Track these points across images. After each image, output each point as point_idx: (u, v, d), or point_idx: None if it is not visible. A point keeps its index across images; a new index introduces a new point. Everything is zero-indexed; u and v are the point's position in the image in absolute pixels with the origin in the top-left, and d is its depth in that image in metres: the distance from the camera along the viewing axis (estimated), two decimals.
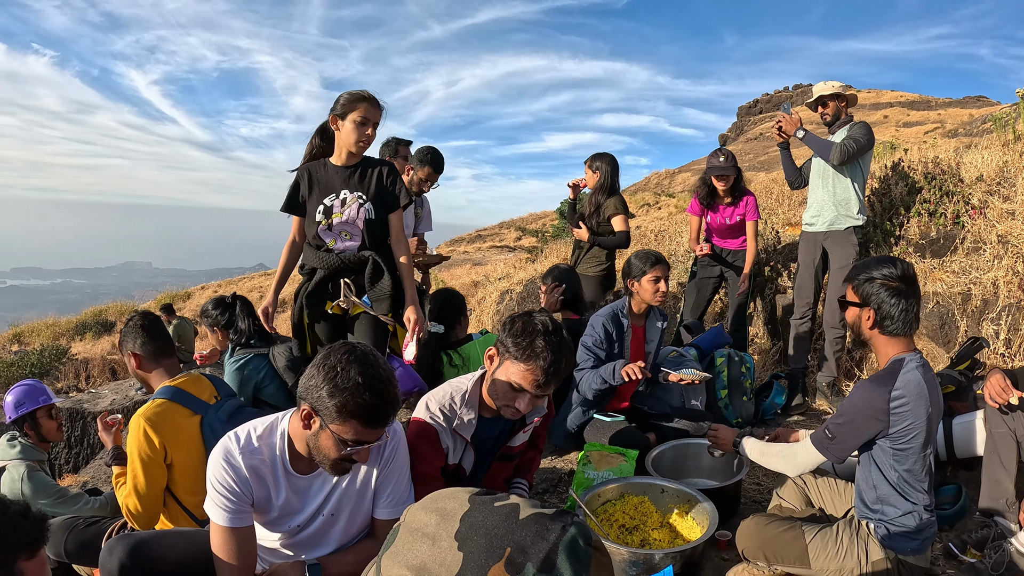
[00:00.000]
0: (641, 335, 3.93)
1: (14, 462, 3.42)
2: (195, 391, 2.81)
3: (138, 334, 2.81)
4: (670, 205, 18.91)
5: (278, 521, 2.11)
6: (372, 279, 3.41)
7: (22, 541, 1.32)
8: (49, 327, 18.36)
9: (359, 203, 3.38)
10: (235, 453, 1.98)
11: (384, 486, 2.17)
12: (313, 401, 1.84)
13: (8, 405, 3.56)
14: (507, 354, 2.35)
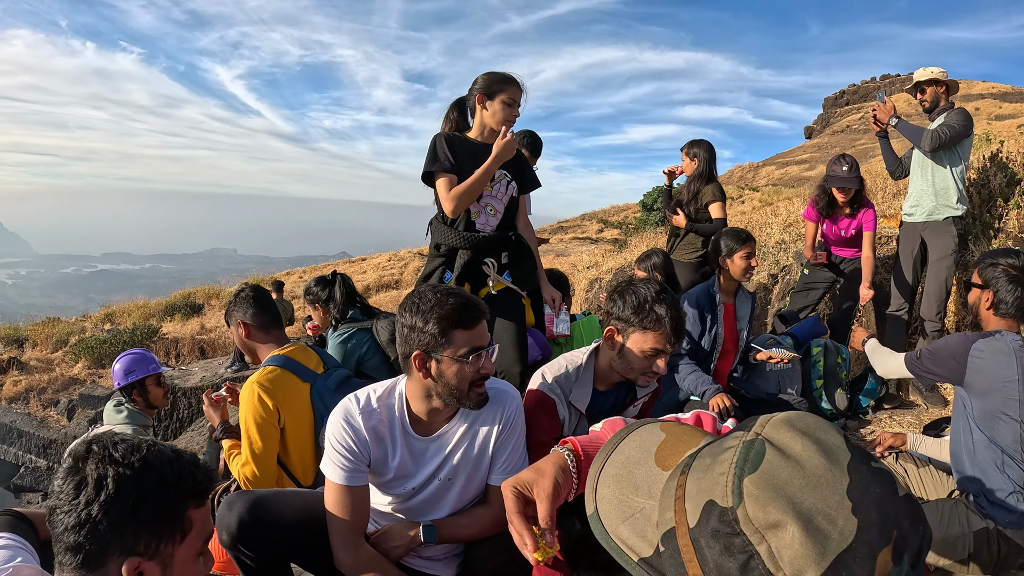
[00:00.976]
0: (732, 313, 4.25)
1: (121, 426, 3.79)
2: (303, 360, 3.04)
3: (249, 305, 3.06)
4: (754, 199, 18.98)
5: (392, 483, 2.23)
6: (518, 258, 3.59)
7: (194, 489, 1.32)
8: (139, 308, 19.47)
9: (507, 180, 3.57)
10: (355, 413, 2.13)
11: (501, 451, 2.27)
12: (417, 344, 2.03)
13: (118, 372, 3.89)
14: (632, 327, 2.49)
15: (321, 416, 3.00)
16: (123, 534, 1.23)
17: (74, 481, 1.24)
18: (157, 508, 1.26)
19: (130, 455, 1.27)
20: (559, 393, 2.57)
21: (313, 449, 3.06)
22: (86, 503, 1.21)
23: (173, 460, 1.32)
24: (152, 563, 1.26)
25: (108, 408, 3.95)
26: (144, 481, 1.26)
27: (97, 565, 1.22)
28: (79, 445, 1.32)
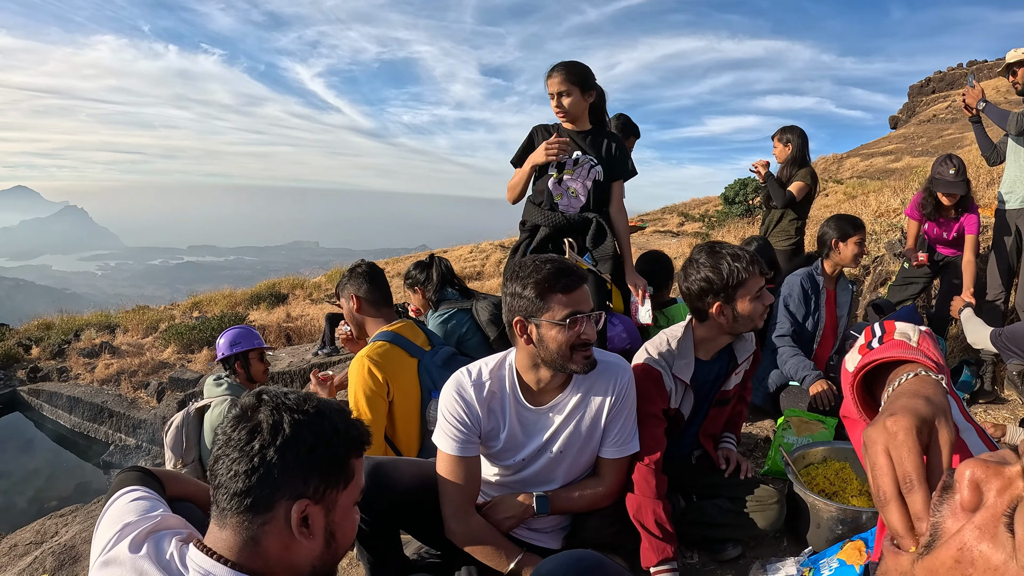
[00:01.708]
0: (833, 299, 4.36)
1: (220, 398, 3.92)
2: (411, 337, 3.21)
3: (363, 280, 3.25)
4: (838, 192, 18.86)
5: (502, 454, 2.36)
6: (596, 239, 3.76)
7: (358, 439, 1.41)
8: (225, 297, 19.80)
9: (590, 164, 3.73)
10: (467, 386, 2.26)
11: (614, 424, 2.36)
12: (518, 310, 2.14)
13: (223, 344, 4.10)
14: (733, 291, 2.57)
15: (429, 391, 3.15)
16: (294, 478, 1.30)
17: (247, 427, 1.32)
18: (328, 454, 1.34)
19: (303, 403, 1.36)
20: (664, 366, 2.64)
21: (419, 424, 3.15)
22: (260, 448, 1.29)
23: (340, 410, 1.42)
24: (318, 507, 1.33)
25: (208, 382, 4.13)
26: (318, 427, 1.35)
27: (264, 509, 1.30)
28: (247, 397, 1.39)
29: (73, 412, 12.14)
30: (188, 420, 3.95)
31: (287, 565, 1.35)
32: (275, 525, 1.31)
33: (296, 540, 1.33)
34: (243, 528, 1.31)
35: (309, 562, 1.37)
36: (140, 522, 1.44)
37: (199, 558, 1.31)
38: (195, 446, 3.95)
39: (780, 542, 2.84)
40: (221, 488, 1.31)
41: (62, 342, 15.33)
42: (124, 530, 1.41)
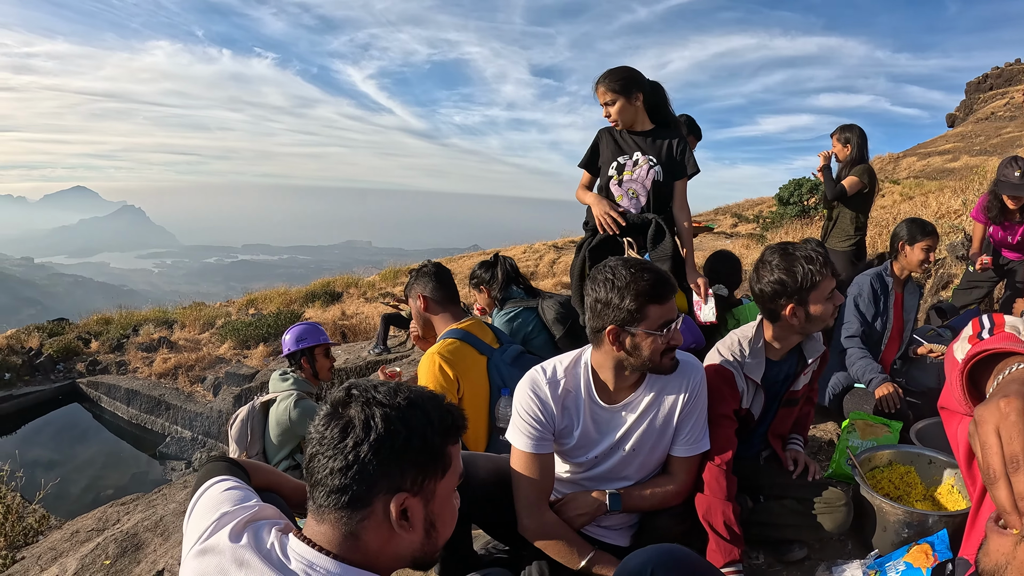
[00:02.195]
0: (900, 302, 4.30)
1: (286, 392, 4.00)
2: (480, 334, 3.25)
3: (429, 279, 3.32)
4: (894, 193, 18.84)
5: (575, 451, 2.40)
6: (655, 239, 3.79)
7: (452, 425, 1.41)
8: (280, 295, 20.26)
9: (649, 165, 3.80)
10: (542, 384, 2.32)
11: (686, 422, 2.41)
12: (612, 319, 2.18)
13: (289, 340, 4.22)
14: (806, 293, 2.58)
15: (498, 388, 3.19)
16: (391, 472, 1.31)
17: (339, 425, 1.32)
18: (424, 444, 1.35)
19: (393, 395, 1.36)
20: (735, 366, 2.70)
21: (487, 421, 3.17)
22: (354, 444, 1.29)
23: (432, 398, 1.42)
24: (416, 499, 1.34)
25: (274, 376, 4.19)
26: (411, 419, 1.34)
27: (362, 505, 1.30)
28: (336, 392, 1.39)
29: (131, 404, 12.48)
30: (253, 414, 4.04)
31: (388, 556, 1.36)
32: (374, 519, 1.32)
33: (396, 533, 1.33)
34: (342, 523, 1.32)
35: (410, 552, 1.38)
36: (237, 511, 1.45)
37: (301, 548, 1.32)
38: (259, 439, 4.01)
39: (845, 545, 2.87)
40: (318, 485, 1.32)
41: (121, 337, 15.81)
42: (222, 519, 1.42)
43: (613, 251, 3.83)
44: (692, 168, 3.91)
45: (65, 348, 15.25)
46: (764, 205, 26.94)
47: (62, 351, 15.12)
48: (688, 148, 3.94)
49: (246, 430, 3.99)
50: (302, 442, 3.97)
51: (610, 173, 3.87)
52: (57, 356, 14.90)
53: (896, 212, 12.43)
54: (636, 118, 3.83)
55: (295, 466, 3.97)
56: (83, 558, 3.78)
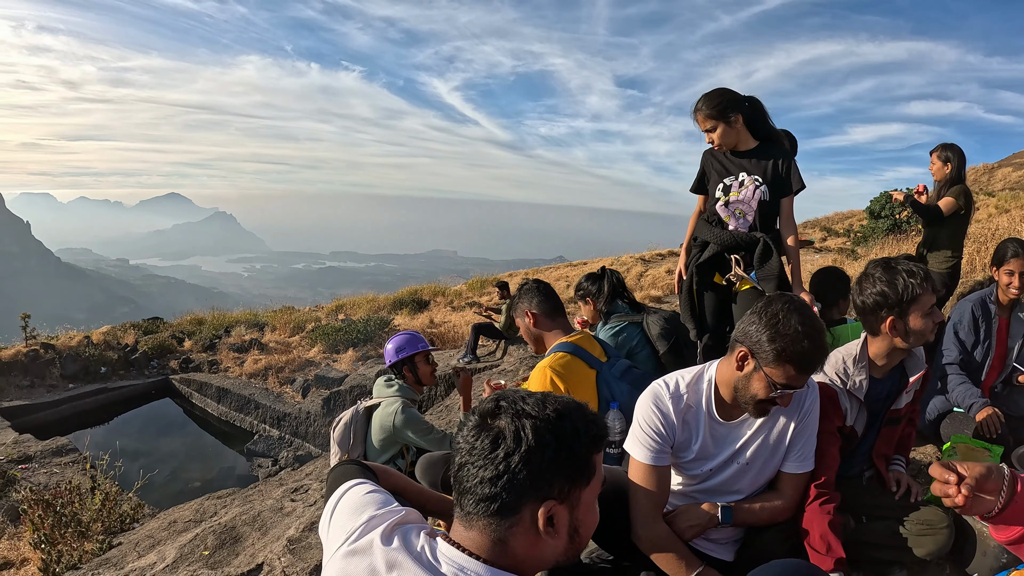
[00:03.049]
0: (1005, 328, 4.16)
1: (390, 398, 4.10)
2: (589, 348, 3.34)
3: (535, 295, 3.44)
4: (989, 205, 18.02)
5: (691, 464, 2.47)
6: (762, 258, 3.85)
7: (597, 435, 1.44)
8: (368, 302, 20.57)
9: (755, 185, 3.86)
10: (665, 398, 2.39)
11: (798, 439, 2.47)
12: (751, 344, 2.25)
13: (390, 350, 4.34)
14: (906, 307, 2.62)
15: (607, 402, 3.26)
16: (539, 481, 1.35)
17: (489, 436, 1.37)
18: (571, 455, 1.38)
19: (542, 407, 1.40)
20: (839, 384, 2.78)
21: None
22: (505, 455, 1.34)
23: (578, 408, 1.45)
24: (563, 506, 1.38)
25: (379, 382, 4.30)
26: (560, 429, 1.38)
27: (511, 512, 1.35)
28: (485, 403, 1.44)
29: (221, 402, 12.87)
30: (357, 418, 4.15)
31: (533, 561, 1.41)
32: (522, 527, 1.36)
33: (542, 539, 1.38)
34: (490, 530, 1.37)
35: (553, 558, 1.43)
36: (385, 515, 1.52)
37: (451, 552, 1.38)
38: (361, 443, 4.12)
39: (943, 568, 2.87)
40: (467, 494, 1.38)
41: (213, 337, 16.40)
42: (371, 522, 1.49)
43: (721, 268, 4.02)
44: (797, 184, 3.95)
45: (159, 346, 15.90)
46: (854, 219, 26.20)
47: (156, 348, 15.77)
48: (793, 164, 3.98)
49: (349, 433, 4.10)
50: (403, 448, 4.11)
51: (717, 195, 3.96)
52: (151, 353, 15.53)
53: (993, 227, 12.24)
54: (738, 139, 3.89)
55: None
56: (182, 547, 3.85)
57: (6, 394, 12.75)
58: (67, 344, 14.83)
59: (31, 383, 13.41)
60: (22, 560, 5.78)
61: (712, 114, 3.78)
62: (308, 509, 4.16)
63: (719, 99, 3.79)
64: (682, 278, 4.28)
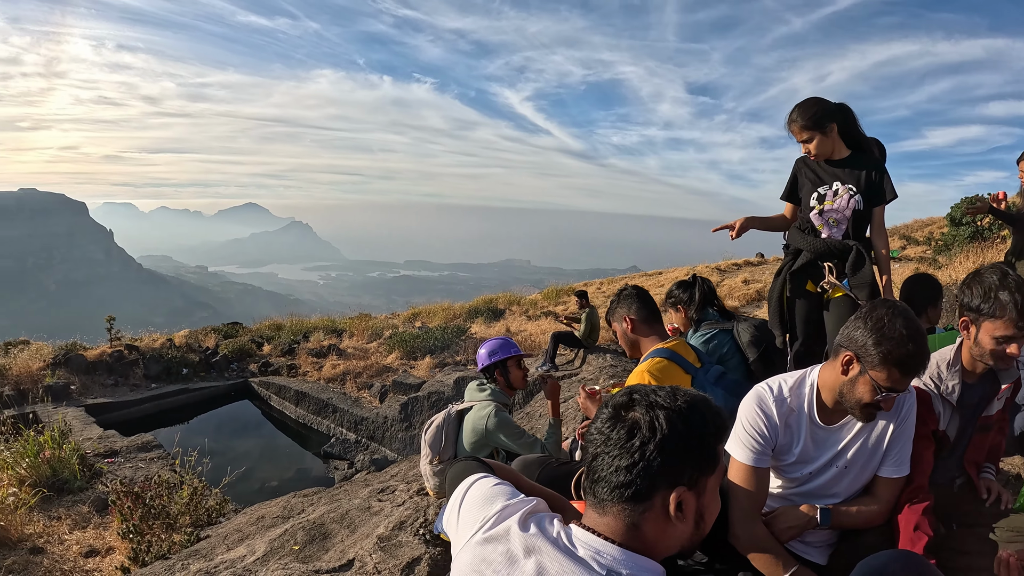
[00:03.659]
0: None
1: (483, 402, 4.25)
2: (684, 354, 3.43)
3: (634, 301, 3.55)
4: None
5: (792, 467, 2.55)
6: (855, 266, 3.96)
7: (722, 426, 1.55)
8: (444, 310, 20.88)
9: (849, 194, 3.97)
10: (768, 401, 2.47)
11: (895, 444, 2.52)
12: (857, 348, 2.32)
13: (482, 355, 4.50)
14: (981, 317, 2.71)
15: None
16: (671, 469, 1.45)
17: (624, 427, 1.48)
18: (701, 444, 1.49)
19: (673, 399, 1.50)
20: (933, 388, 2.86)
21: None
22: (641, 444, 1.45)
23: (704, 401, 1.54)
24: (691, 493, 1.47)
25: (471, 386, 4.45)
26: (690, 420, 1.48)
27: (644, 498, 1.45)
28: (619, 396, 1.55)
29: (299, 404, 13.13)
30: (449, 420, 4.26)
31: (662, 546, 1.49)
32: (653, 512, 1.46)
33: (671, 524, 1.47)
34: (624, 516, 1.46)
35: (679, 542, 1.51)
36: (518, 504, 1.62)
37: (586, 537, 1.47)
38: (452, 444, 4.22)
39: None
40: (601, 482, 1.48)
41: (292, 342, 16.80)
42: (504, 511, 1.59)
43: (814, 276, 4.13)
44: (891, 194, 4.04)
45: (239, 349, 16.41)
46: (935, 226, 25.59)
47: (236, 352, 16.29)
48: (886, 173, 4.06)
49: (441, 435, 4.21)
50: (494, 451, 4.18)
51: (811, 204, 4.08)
52: (231, 356, 16.04)
53: None
54: (833, 148, 4.00)
55: None
56: (271, 541, 3.88)
57: (91, 392, 13.28)
58: (150, 346, 15.39)
59: (115, 382, 13.97)
60: (107, 548, 5.95)
61: (808, 124, 3.90)
62: (396, 509, 4.15)
63: (813, 109, 3.90)
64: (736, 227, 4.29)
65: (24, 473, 7.04)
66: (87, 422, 10.69)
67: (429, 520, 3.75)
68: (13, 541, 5.84)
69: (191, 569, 3.92)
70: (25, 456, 7.19)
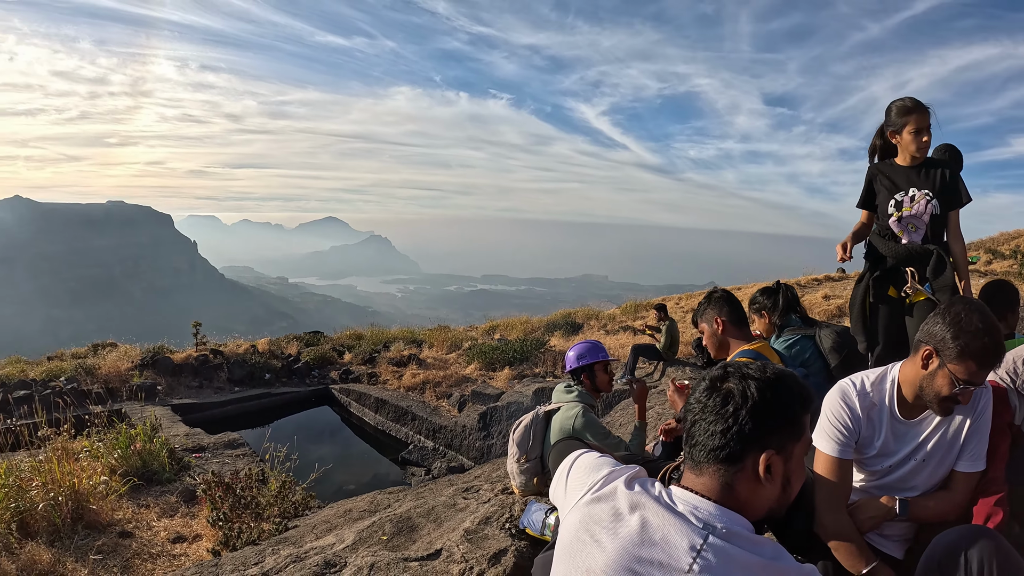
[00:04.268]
0: None
1: (571, 403, 4.39)
2: (769, 356, 3.60)
3: (725, 303, 3.73)
4: None
5: (873, 460, 2.69)
6: (936, 270, 4.08)
7: (808, 398, 1.72)
8: (522, 323, 21.02)
9: (926, 199, 4.11)
10: (852, 394, 2.64)
11: (972, 438, 2.62)
12: (936, 343, 2.47)
13: (571, 357, 4.64)
14: None
15: None
16: (761, 433, 1.63)
17: (719, 396, 1.67)
18: (788, 412, 1.67)
19: (763, 371, 1.70)
20: (1009, 383, 2.96)
21: None
22: (734, 410, 1.64)
23: (791, 375, 1.73)
24: (779, 457, 1.65)
25: (559, 388, 4.58)
26: (779, 390, 1.66)
27: (736, 460, 1.63)
28: (714, 371, 1.75)
29: (379, 412, 13.38)
30: (537, 421, 4.38)
31: (753, 506, 1.66)
32: (744, 473, 1.64)
33: (761, 485, 1.65)
34: (719, 476, 1.65)
35: (767, 504, 1.69)
36: (623, 470, 1.81)
37: (685, 495, 1.66)
38: (539, 444, 4.31)
39: None
40: (698, 445, 1.68)
41: (372, 351, 17.17)
42: (611, 475, 1.78)
43: (895, 281, 4.26)
44: (966, 197, 4.19)
45: (320, 357, 16.86)
46: (1022, 239, 24.91)
47: (318, 359, 16.74)
48: (959, 177, 4.22)
49: (529, 435, 4.31)
50: None
51: (889, 211, 4.22)
52: (313, 363, 16.48)
53: None
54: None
55: None
56: (360, 532, 4.01)
57: (176, 392, 13.86)
58: (234, 351, 15.92)
59: (199, 384, 14.52)
60: (194, 536, 6.20)
61: (931, 120, 4.05)
62: (481, 506, 4.22)
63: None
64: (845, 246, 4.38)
65: (115, 463, 7.43)
66: (173, 420, 11.16)
67: (514, 516, 3.82)
68: (103, 524, 6.14)
69: (281, 554, 4.06)
70: (117, 447, 7.59)
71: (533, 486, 4.18)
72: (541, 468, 4.23)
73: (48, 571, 5.17)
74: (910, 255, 4.17)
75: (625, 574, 1.58)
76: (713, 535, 1.57)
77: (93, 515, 6.14)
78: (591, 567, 1.63)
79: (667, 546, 1.57)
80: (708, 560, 1.53)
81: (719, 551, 1.54)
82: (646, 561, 1.57)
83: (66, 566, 5.28)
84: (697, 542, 1.55)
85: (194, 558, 5.67)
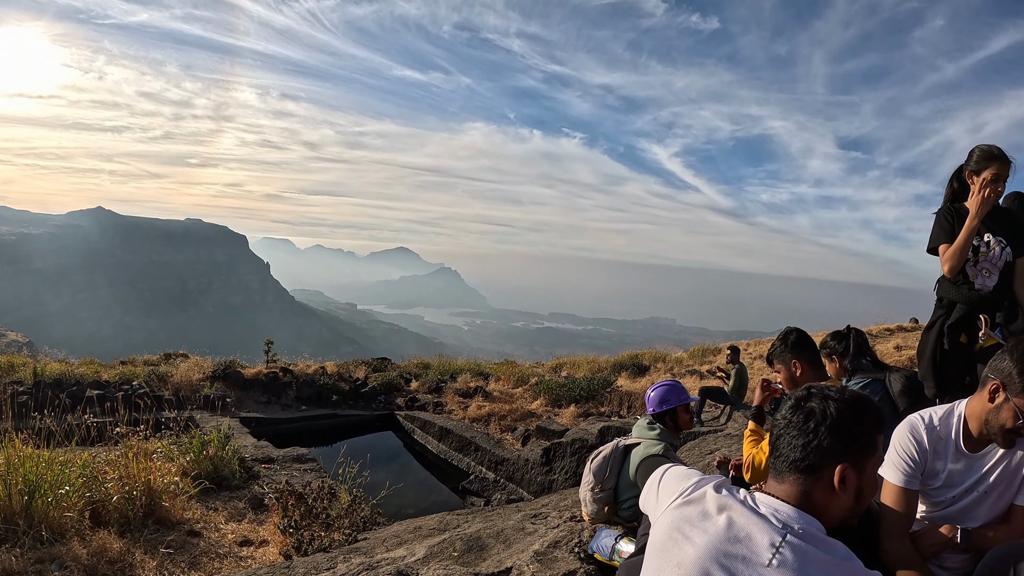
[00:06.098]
0: None
1: (652, 440, 4.45)
2: None
3: (804, 346, 3.98)
4: None
5: (938, 491, 2.81)
6: (1008, 317, 4.22)
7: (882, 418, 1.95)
8: (588, 362, 21.23)
9: (1001, 246, 4.17)
10: (920, 428, 2.80)
11: None
12: (1003, 377, 2.60)
13: (653, 399, 4.67)
14: None
15: None
16: (839, 448, 1.86)
17: (803, 413, 1.92)
18: (863, 430, 1.90)
19: (841, 393, 1.93)
20: None
21: None
22: (815, 427, 1.88)
23: (867, 398, 1.98)
24: (853, 470, 1.86)
25: (640, 424, 4.64)
26: (856, 410, 1.90)
27: (816, 471, 1.86)
28: (799, 391, 2.00)
29: (442, 440, 13.48)
30: (616, 453, 4.48)
31: (828, 513, 1.87)
32: (822, 483, 1.86)
33: (836, 495, 1.86)
34: (799, 484, 1.88)
35: (841, 512, 1.90)
36: (710, 478, 2.00)
37: (767, 500, 1.87)
38: (615, 476, 4.39)
39: None
40: (781, 457, 1.92)
41: (439, 380, 17.40)
42: (700, 482, 1.97)
43: (968, 329, 4.26)
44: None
45: (388, 383, 17.13)
46: None
47: (385, 385, 17.00)
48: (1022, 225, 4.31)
49: (606, 465, 4.40)
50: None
51: (968, 257, 4.22)
52: (380, 388, 16.71)
53: None
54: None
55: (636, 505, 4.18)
56: (431, 547, 4.10)
57: (244, 406, 14.23)
58: (303, 371, 16.26)
59: (268, 400, 14.88)
60: (261, 541, 6.40)
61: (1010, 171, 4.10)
62: (550, 531, 4.28)
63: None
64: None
65: (187, 465, 7.74)
66: (241, 431, 11.45)
67: (583, 541, 3.88)
68: (173, 522, 6.40)
69: (353, 562, 4.17)
70: (190, 451, 7.91)
71: (603, 514, 4.23)
72: (614, 498, 4.29)
73: (117, 559, 5.43)
74: (984, 301, 4.23)
75: (713, 566, 1.76)
76: (791, 534, 1.75)
77: (164, 512, 6.41)
78: (682, 561, 1.81)
79: (750, 542, 1.76)
80: (785, 556, 1.71)
81: (796, 548, 1.72)
82: (731, 555, 1.76)
83: (135, 556, 5.53)
84: (776, 540, 1.74)
85: (260, 561, 5.86)
